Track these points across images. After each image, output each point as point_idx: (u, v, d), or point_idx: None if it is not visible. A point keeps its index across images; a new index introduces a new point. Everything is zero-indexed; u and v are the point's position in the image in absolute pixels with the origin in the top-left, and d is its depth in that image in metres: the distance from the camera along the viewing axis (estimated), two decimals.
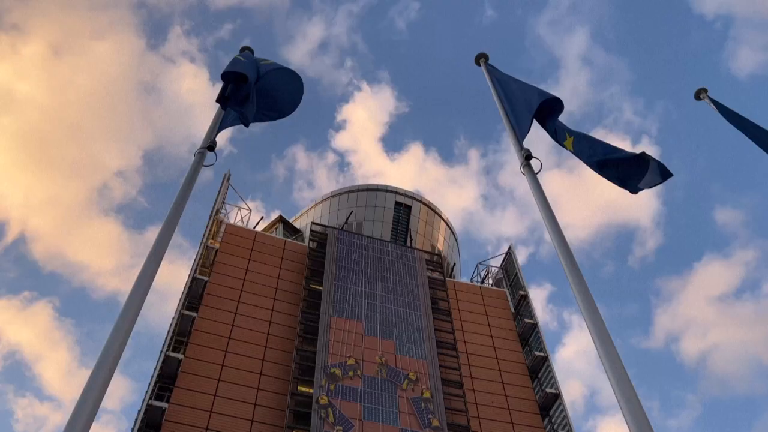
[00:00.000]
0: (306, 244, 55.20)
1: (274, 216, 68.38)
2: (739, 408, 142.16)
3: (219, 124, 9.99)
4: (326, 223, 59.95)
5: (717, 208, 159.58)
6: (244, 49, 11.69)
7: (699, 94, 13.96)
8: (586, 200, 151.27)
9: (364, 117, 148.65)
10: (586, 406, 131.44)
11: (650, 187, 9.50)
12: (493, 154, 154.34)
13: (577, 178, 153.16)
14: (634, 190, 9.70)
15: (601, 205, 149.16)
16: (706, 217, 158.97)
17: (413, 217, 65.61)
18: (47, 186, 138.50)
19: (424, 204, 67.65)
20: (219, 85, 11.01)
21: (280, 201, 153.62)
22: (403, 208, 65.82)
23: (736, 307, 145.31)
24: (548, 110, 10.24)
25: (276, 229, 65.00)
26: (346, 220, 63.33)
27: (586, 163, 9.89)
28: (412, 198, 67.15)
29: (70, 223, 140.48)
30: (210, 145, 8.95)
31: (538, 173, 8.52)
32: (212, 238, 50.65)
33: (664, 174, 9.34)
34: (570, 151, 9.96)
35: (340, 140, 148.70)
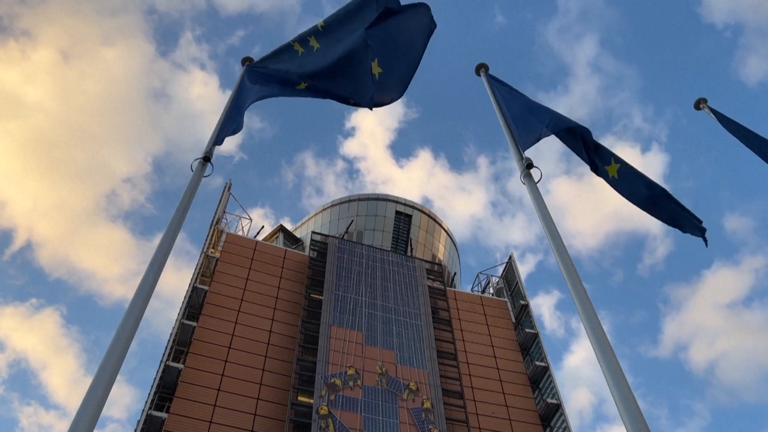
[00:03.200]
0: (306, 253, 55.17)
1: (283, 222, 68.61)
2: (747, 417, 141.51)
3: (217, 133, 9.86)
4: (327, 233, 59.95)
5: (726, 216, 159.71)
6: (245, 60, 11.62)
7: (698, 104, 14.01)
8: (595, 208, 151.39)
9: (373, 123, 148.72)
10: (594, 414, 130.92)
11: (693, 233, 9.81)
12: (501, 161, 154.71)
13: (586, 186, 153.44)
14: (683, 230, 9.96)
15: (611, 213, 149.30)
16: (714, 224, 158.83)
17: (414, 227, 65.63)
18: (55, 192, 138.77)
19: (425, 213, 67.68)
20: (229, 92, 10.89)
21: (288, 207, 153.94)
22: (404, 218, 65.85)
23: (745, 314, 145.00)
24: (575, 135, 10.23)
25: (276, 238, 65.00)
26: (347, 229, 63.35)
27: (626, 196, 9.96)
28: (413, 207, 67.19)
29: (77, 229, 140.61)
30: (206, 156, 8.89)
31: (538, 182, 8.55)
32: (213, 248, 50.65)
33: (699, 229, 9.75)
34: (611, 177, 9.92)
35: (349, 147, 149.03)
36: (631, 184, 9.88)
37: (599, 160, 10.06)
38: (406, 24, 10.53)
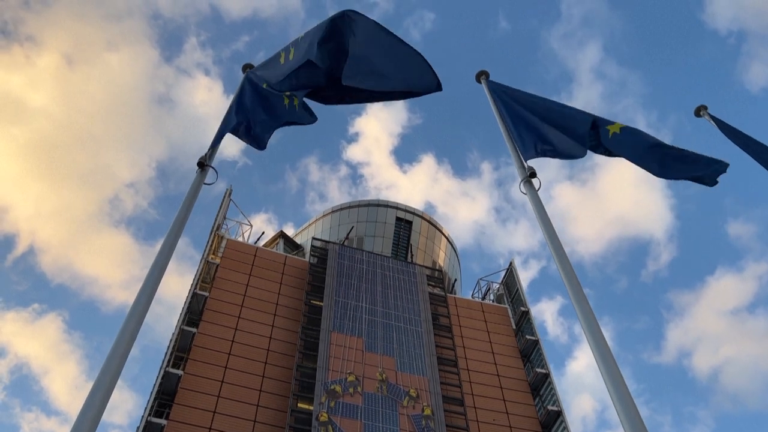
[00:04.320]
0: (307, 259, 55.15)
1: (286, 227, 68.65)
2: (752, 424, 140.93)
3: (216, 138, 9.73)
4: (327, 239, 59.94)
5: (730, 222, 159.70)
6: (246, 67, 11.62)
7: (699, 111, 14.02)
8: (598, 213, 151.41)
9: (377, 129, 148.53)
10: (597, 420, 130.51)
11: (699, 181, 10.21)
12: (505, 166, 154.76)
13: (590, 192, 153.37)
14: (669, 177, 10.21)
15: (614, 219, 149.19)
16: (718, 230, 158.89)
17: (414, 233, 65.62)
18: (58, 196, 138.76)
19: (425, 219, 67.69)
20: (232, 97, 10.77)
21: (291, 213, 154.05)
22: (404, 224, 65.85)
23: (749, 321, 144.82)
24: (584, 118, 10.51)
25: (277, 244, 65.00)
26: (347, 235, 63.35)
27: (627, 152, 10.13)
28: (413, 213, 67.20)
29: (80, 234, 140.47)
30: (200, 162, 8.72)
31: (538, 190, 8.55)
32: (213, 254, 50.64)
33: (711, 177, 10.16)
34: (612, 134, 10.14)
35: (353, 152, 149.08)
36: (634, 139, 10.24)
37: (600, 121, 10.39)
38: (404, 55, 9.55)
